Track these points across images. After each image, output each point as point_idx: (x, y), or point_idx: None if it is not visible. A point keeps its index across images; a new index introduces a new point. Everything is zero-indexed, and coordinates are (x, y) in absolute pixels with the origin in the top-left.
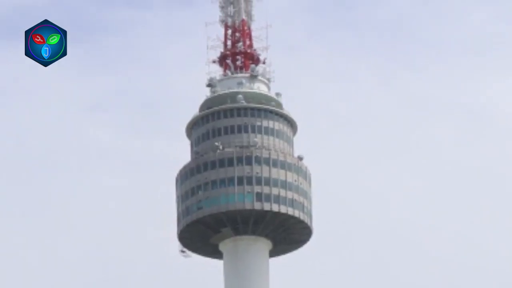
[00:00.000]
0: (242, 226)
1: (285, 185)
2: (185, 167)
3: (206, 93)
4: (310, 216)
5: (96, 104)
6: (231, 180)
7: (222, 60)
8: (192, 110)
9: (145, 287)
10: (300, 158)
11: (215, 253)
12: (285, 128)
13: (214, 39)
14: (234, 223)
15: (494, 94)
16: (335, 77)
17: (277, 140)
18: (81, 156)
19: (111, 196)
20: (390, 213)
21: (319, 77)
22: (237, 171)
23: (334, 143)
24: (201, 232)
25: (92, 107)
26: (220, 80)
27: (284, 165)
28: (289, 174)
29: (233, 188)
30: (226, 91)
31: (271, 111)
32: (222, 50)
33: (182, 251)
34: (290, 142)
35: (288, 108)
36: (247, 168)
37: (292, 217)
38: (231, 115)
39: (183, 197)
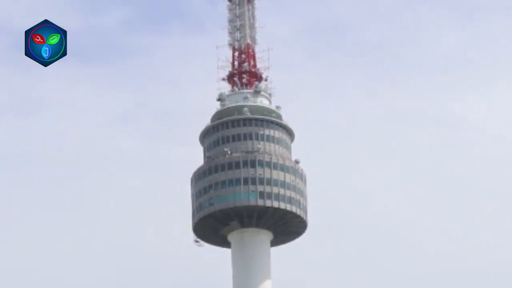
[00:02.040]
0: (247, 219)
1: (284, 185)
2: (198, 169)
3: (216, 106)
4: (305, 211)
5: (122, 116)
6: (238, 181)
7: (230, 78)
8: (205, 121)
9: (165, 271)
10: (297, 162)
11: (224, 243)
12: (284, 136)
13: (224, 60)
14: (241, 217)
15: (464, 106)
16: (327, 93)
17: (277, 146)
18: (110, 160)
19: (135, 194)
20: (374, 209)
21: (314, 92)
22: (243, 173)
23: (326, 149)
24: (212, 225)
25: (119, 119)
26: (229, 95)
27: (283, 168)
28: (287, 175)
29: (239, 188)
30: (234, 105)
31: (272, 122)
32: (230, 69)
33: (196, 241)
34: (288, 148)
35: (287, 119)
36: (251, 170)
37: (290, 212)
38: (238, 125)
39: (197, 195)
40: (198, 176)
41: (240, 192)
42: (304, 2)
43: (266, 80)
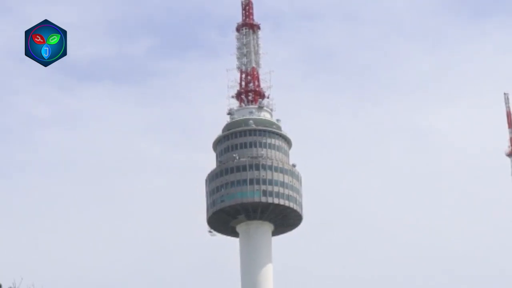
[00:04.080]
0: (253, 214)
1: (283, 184)
2: (212, 172)
3: (226, 119)
4: (301, 207)
5: (148, 127)
6: (244, 181)
7: (238, 96)
8: (217, 131)
9: (183, 256)
10: (294, 166)
11: (233, 233)
12: (283, 144)
13: (233, 81)
14: (247, 211)
15: (434, 120)
16: (319, 108)
17: (277, 152)
18: (138, 164)
19: (159, 193)
20: (359, 205)
21: (308, 108)
22: (249, 174)
23: (318, 155)
24: (223, 218)
25: (146, 130)
26: (237, 110)
27: (282, 170)
28: (286, 177)
29: (246, 187)
30: (241, 118)
31: (273, 132)
32: (238, 88)
33: (210, 232)
34: (286, 154)
35: (286, 130)
36: (256, 173)
37: (288, 208)
38: (244, 135)
39: (210, 193)
40: (212, 177)
41: (247, 191)
42: (300, 32)
43: (268, 97)
